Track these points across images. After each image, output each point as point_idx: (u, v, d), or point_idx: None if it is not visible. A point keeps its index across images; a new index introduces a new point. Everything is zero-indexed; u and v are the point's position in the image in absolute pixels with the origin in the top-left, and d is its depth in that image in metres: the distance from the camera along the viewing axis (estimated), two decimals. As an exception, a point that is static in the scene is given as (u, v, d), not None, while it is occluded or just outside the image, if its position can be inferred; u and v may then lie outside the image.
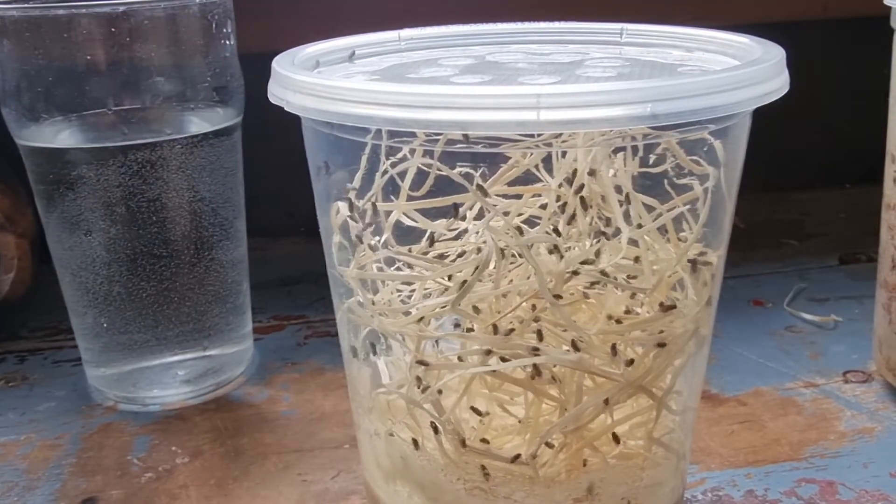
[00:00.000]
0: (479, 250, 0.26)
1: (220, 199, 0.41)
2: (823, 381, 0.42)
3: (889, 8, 0.37)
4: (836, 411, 0.40)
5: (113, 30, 0.37)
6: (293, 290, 0.52)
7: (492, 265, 0.25)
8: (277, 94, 0.25)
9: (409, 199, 0.27)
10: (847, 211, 0.63)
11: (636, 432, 0.28)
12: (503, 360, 0.25)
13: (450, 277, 0.27)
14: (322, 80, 0.23)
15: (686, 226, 0.27)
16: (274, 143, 0.27)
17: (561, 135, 0.24)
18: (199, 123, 0.40)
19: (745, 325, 0.48)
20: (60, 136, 0.39)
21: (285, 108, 0.24)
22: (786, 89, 0.24)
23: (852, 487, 0.35)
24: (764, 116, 0.69)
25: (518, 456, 0.26)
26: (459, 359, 0.27)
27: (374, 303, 0.27)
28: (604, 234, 0.25)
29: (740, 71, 0.23)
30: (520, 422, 0.27)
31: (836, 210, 0.63)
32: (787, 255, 0.56)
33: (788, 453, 0.37)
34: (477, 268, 0.24)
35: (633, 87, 0.21)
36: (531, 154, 0.25)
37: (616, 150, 0.26)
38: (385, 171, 0.26)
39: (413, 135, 0.25)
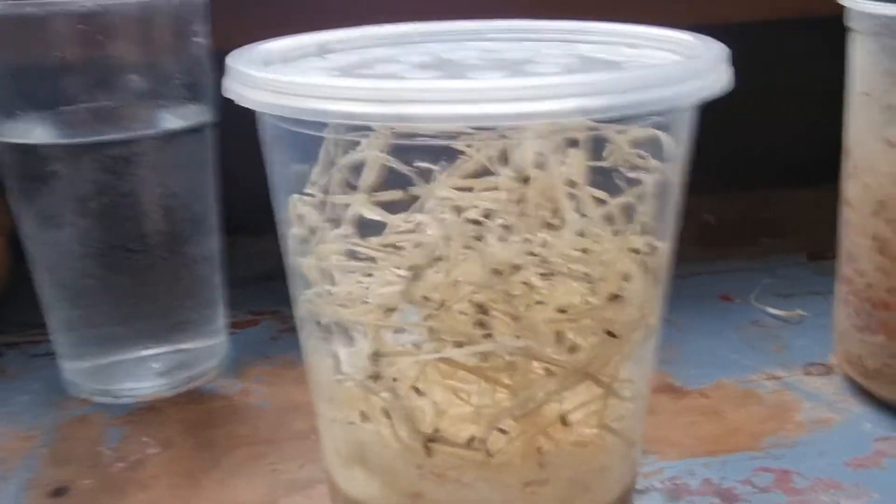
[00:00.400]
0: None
1: (192, 194, 0.42)
2: (785, 374, 0.43)
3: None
4: (796, 403, 0.41)
5: (85, 28, 0.38)
6: (269, 286, 0.53)
7: (441, 254, 0.26)
8: (232, 88, 0.25)
9: (371, 193, 0.28)
10: (819, 209, 0.63)
11: (590, 420, 0.28)
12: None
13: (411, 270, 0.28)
14: (268, 74, 0.24)
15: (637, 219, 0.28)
16: (253, 141, 0.28)
17: (502, 129, 0.25)
18: (171, 120, 0.41)
19: (711, 319, 0.48)
20: (34, 132, 0.39)
21: (238, 103, 0.25)
22: (724, 86, 0.25)
23: (807, 476, 0.36)
24: (740, 116, 0.70)
25: (472, 440, 0.26)
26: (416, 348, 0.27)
27: (331, 293, 0.28)
28: (550, 225, 0.26)
29: (672, 67, 0.24)
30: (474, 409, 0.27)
31: (808, 208, 0.64)
32: (758, 251, 0.57)
33: (747, 443, 0.38)
34: (427, 257, 0.25)
35: (565, 82, 0.22)
36: (480, 148, 0.26)
37: (570, 145, 0.27)
38: (342, 165, 0.27)
39: (369, 129, 0.26)
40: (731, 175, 0.66)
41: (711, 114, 0.66)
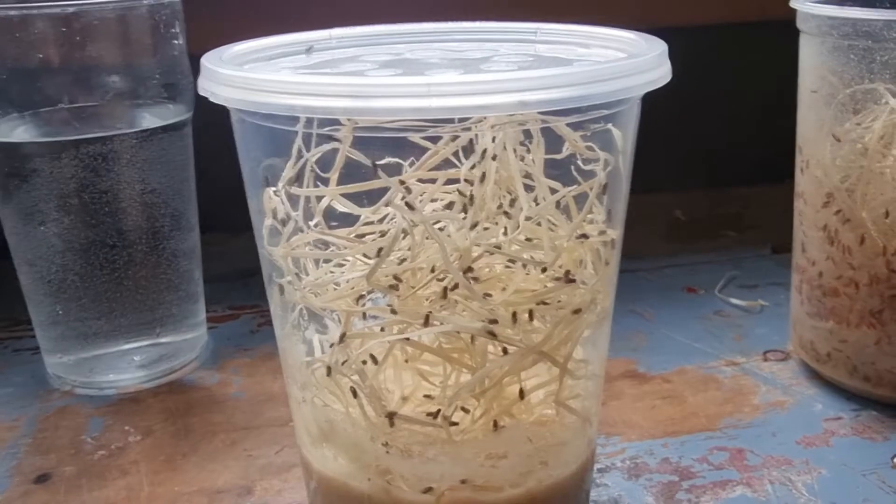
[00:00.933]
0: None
1: (171, 191, 0.43)
2: (744, 360, 0.45)
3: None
4: (753, 387, 0.43)
5: (64, 29, 0.39)
6: (249, 281, 0.55)
7: (403, 241, 0.27)
8: (205, 86, 0.27)
9: (337, 185, 0.29)
10: (784, 204, 0.65)
11: (548, 399, 0.30)
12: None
13: (379, 253, 0.29)
14: (245, 73, 0.26)
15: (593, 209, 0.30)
16: (233, 140, 0.29)
17: (464, 122, 0.27)
18: (149, 119, 0.42)
19: (676, 310, 0.50)
20: (16, 131, 0.41)
21: (210, 100, 0.26)
22: (663, 80, 0.27)
23: (759, 454, 0.37)
24: (707, 115, 0.71)
25: (435, 415, 0.28)
26: (382, 330, 0.29)
27: (300, 280, 0.30)
28: (506, 213, 0.27)
29: (615, 64, 0.25)
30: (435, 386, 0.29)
31: (774, 203, 0.65)
32: (724, 245, 0.59)
33: (704, 424, 0.40)
34: (388, 242, 0.26)
35: (511, 78, 0.23)
36: (443, 142, 0.28)
37: (527, 138, 0.29)
38: (309, 159, 0.28)
39: (338, 124, 0.27)
40: (698, 173, 0.68)
41: (677, 114, 0.67)
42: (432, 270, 0.28)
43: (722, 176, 0.68)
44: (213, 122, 0.37)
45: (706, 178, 0.68)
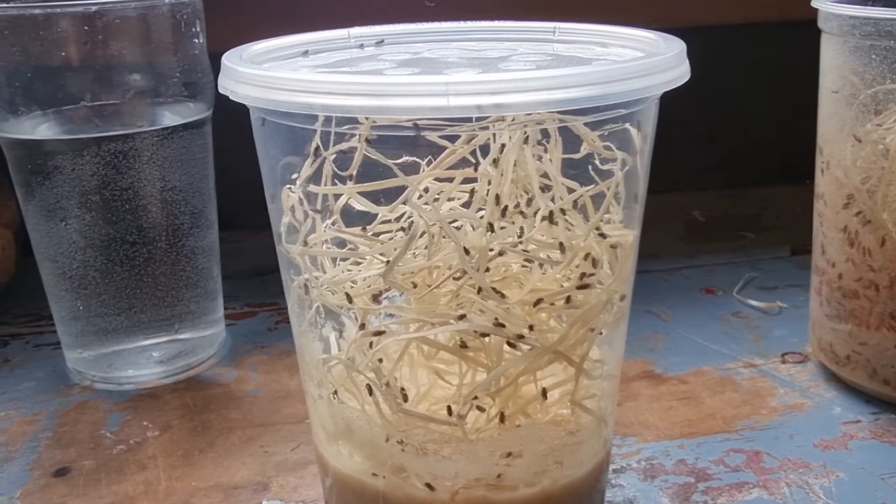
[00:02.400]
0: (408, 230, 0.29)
1: (191, 188, 0.44)
2: (762, 362, 0.45)
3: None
4: (771, 389, 0.42)
5: (86, 28, 0.40)
6: (267, 279, 0.55)
7: (420, 240, 0.27)
8: (225, 84, 0.27)
9: (355, 184, 0.30)
10: (803, 205, 0.65)
11: (563, 398, 0.30)
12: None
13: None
14: (265, 72, 0.26)
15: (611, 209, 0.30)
16: (252, 139, 0.30)
17: (481, 121, 0.27)
18: (170, 117, 0.42)
19: (694, 311, 0.50)
20: (39, 128, 0.41)
21: (231, 98, 0.27)
22: (682, 80, 0.27)
23: (777, 456, 0.37)
24: (726, 115, 0.71)
25: (449, 411, 0.28)
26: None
27: (318, 279, 0.30)
28: (522, 213, 0.27)
29: (633, 63, 0.25)
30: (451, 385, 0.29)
31: (792, 204, 0.65)
32: (742, 246, 0.59)
33: (721, 426, 0.39)
34: (406, 241, 0.26)
35: (528, 77, 0.23)
36: (461, 141, 0.28)
37: (545, 137, 0.29)
38: (327, 157, 0.28)
39: (356, 122, 0.27)
40: (716, 173, 0.68)
41: (695, 114, 0.67)
42: (449, 269, 0.28)
43: (740, 176, 0.68)
44: (232, 120, 0.37)
45: (725, 179, 0.68)
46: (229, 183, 0.47)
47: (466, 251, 0.27)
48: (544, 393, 0.29)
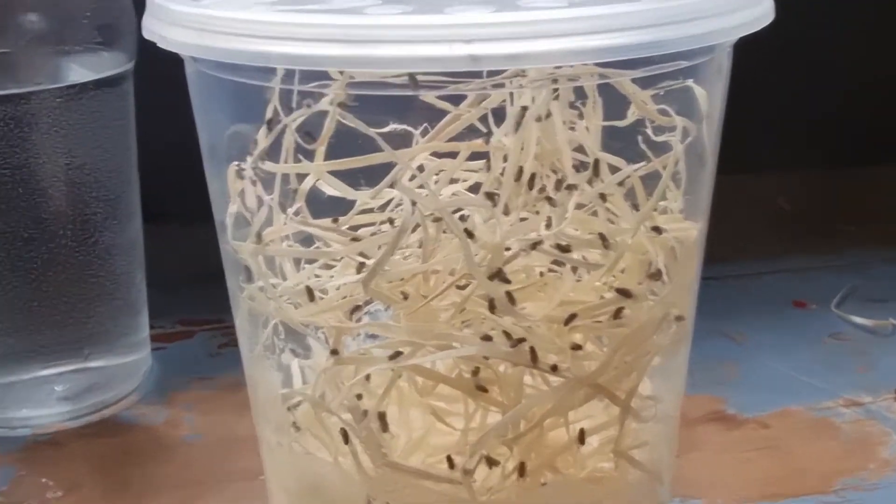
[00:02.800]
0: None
1: (106, 166, 0.44)
2: (870, 400, 0.45)
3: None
4: (882, 436, 0.42)
5: (-34, -47, 0.40)
6: (208, 287, 0.54)
7: (413, 236, 0.27)
8: (151, 27, 0.27)
9: (325, 160, 0.30)
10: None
11: (604, 448, 0.30)
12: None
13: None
14: (205, 10, 0.26)
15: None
16: (184, 100, 0.30)
17: (495, 76, 0.27)
18: (78, 71, 0.42)
19: (779, 330, 0.50)
20: None
21: (159, 45, 0.27)
22: (764, 20, 0.27)
23: (890, 527, 0.37)
24: (822, 72, 0.70)
25: (451, 463, 0.28)
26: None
27: (278, 288, 0.30)
28: (550, 199, 0.28)
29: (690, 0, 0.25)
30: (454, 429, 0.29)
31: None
32: (843, 244, 0.59)
33: (815, 486, 0.39)
34: (393, 237, 0.26)
35: (566, 17, 0.23)
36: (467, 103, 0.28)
37: (579, 98, 0.29)
38: (289, 125, 0.29)
39: (327, 79, 0.27)
40: (809, 147, 0.68)
41: (782, 70, 0.67)
42: (451, 275, 0.28)
43: (841, 152, 0.68)
44: (161, 75, 0.37)
45: (820, 155, 0.68)
46: (157, 159, 0.47)
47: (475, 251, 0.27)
48: (581, 437, 0.29)
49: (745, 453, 0.41)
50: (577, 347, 0.28)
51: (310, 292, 0.29)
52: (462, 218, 0.28)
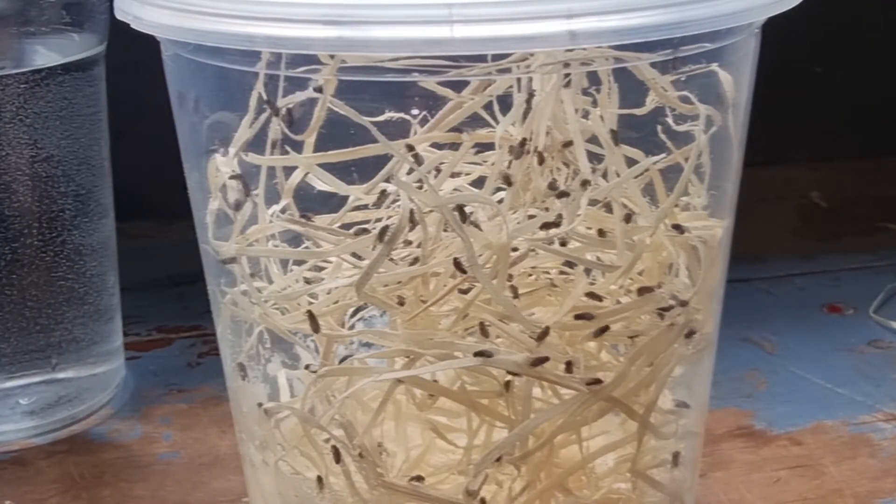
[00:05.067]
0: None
1: (75, 159, 0.44)
2: (912, 414, 0.45)
3: None
4: (925, 453, 0.42)
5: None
6: (186, 292, 0.55)
7: (411, 235, 0.27)
8: (125, 8, 0.27)
9: (315, 152, 0.30)
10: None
11: (621, 467, 0.30)
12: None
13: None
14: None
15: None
16: (160, 86, 0.30)
17: (500, 60, 0.27)
18: (44, 54, 0.42)
19: (812, 337, 0.51)
20: None
21: (133, 27, 0.27)
22: (793, 1, 0.27)
23: (934, 553, 0.37)
24: (859, 55, 0.70)
25: (457, 492, 0.28)
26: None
27: (261, 292, 0.30)
28: (565, 194, 0.28)
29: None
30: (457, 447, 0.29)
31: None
32: (883, 243, 0.59)
33: (852, 508, 0.39)
34: (390, 236, 0.26)
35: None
36: (461, 87, 0.28)
37: (593, 84, 0.29)
38: (280, 113, 0.29)
39: (317, 62, 0.27)
40: (844, 138, 0.68)
41: (814, 54, 0.66)
42: (452, 277, 0.28)
43: (879, 141, 0.68)
44: (135, 60, 0.37)
45: (856, 146, 0.68)
46: (131, 151, 0.47)
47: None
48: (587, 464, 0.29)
49: (775, 472, 0.42)
50: (596, 366, 0.28)
51: (312, 317, 0.29)
52: (463, 215, 0.28)
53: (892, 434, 0.44)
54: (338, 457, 0.28)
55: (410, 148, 0.28)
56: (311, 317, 0.29)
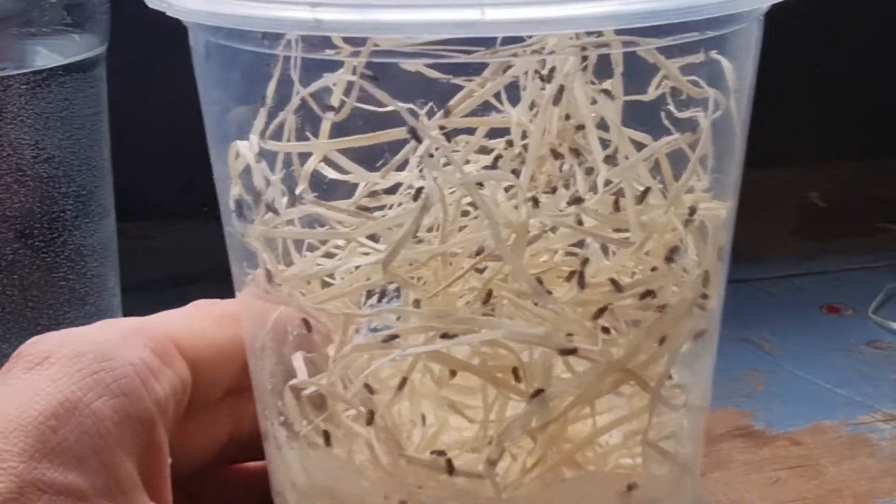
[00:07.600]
0: (416, 198, 0.31)
1: (76, 159, 0.46)
2: (912, 414, 0.47)
3: None
4: (924, 453, 0.45)
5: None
6: (189, 292, 0.56)
7: (433, 217, 0.30)
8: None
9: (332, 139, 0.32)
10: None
11: (629, 443, 0.33)
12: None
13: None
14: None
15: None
16: (161, 86, 0.31)
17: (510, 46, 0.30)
18: (46, 55, 0.44)
19: (811, 338, 0.53)
20: None
21: (167, 13, 0.29)
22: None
23: (933, 553, 0.40)
24: (862, 52, 0.70)
25: (476, 465, 0.31)
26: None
27: (282, 274, 0.32)
28: (589, 170, 0.30)
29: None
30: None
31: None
32: (882, 244, 0.61)
33: (851, 508, 0.41)
34: (415, 215, 0.29)
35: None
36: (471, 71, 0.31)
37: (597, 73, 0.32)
38: (303, 96, 0.31)
39: (330, 46, 0.30)
40: (844, 137, 0.70)
41: (816, 47, 0.67)
42: (470, 257, 0.31)
43: (878, 143, 0.69)
44: (135, 60, 0.39)
45: (856, 145, 0.70)
46: (131, 152, 0.49)
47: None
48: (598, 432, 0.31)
49: (774, 472, 0.44)
50: (605, 331, 0.31)
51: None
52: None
53: (890, 434, 0.46)
54: (371, 419, 0.30)
55: (443, 128, 0.30)
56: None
